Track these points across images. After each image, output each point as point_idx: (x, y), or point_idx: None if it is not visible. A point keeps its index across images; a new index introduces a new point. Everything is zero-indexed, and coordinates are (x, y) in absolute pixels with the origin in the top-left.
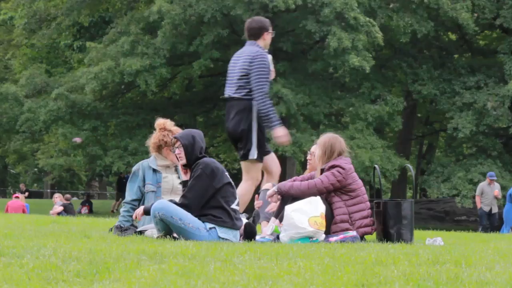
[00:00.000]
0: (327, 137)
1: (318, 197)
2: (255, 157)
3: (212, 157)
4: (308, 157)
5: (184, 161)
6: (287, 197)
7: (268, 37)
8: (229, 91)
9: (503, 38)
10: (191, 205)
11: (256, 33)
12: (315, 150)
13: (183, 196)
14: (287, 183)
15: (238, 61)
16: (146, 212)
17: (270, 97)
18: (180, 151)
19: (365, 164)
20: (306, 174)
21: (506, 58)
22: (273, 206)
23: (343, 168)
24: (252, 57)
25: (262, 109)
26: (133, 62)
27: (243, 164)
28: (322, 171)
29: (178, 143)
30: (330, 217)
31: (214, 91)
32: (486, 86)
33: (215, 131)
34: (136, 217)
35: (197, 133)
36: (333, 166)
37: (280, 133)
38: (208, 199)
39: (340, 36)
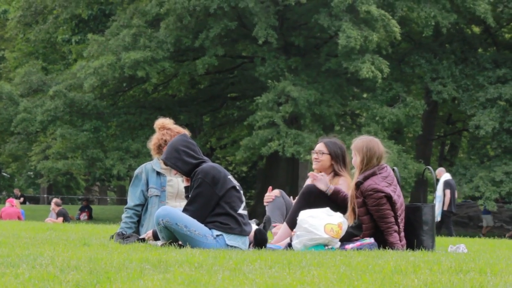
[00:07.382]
0: (364, 140)
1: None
2: None
3: (218, 160)
4: (314, 156)
5: (184, 177)
6: None
7: None
8: None
9: None
10: (194, 218)
11: None
12: (321, 149)
13: (185, 210)
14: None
15: None
16: (156, 236)
17: (278, 95)
18: (175, 172)
19: None
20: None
21: None
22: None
23: (395, 202)
24: None
25: None
26: (133, 54)
27: None
28: (358, 185)
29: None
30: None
31: (221, 88)
32: None
33: (223, 131)
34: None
35: (180, 142)
36: (375, 191)
37: None
38: (213, 208)
39: (349, 34)
